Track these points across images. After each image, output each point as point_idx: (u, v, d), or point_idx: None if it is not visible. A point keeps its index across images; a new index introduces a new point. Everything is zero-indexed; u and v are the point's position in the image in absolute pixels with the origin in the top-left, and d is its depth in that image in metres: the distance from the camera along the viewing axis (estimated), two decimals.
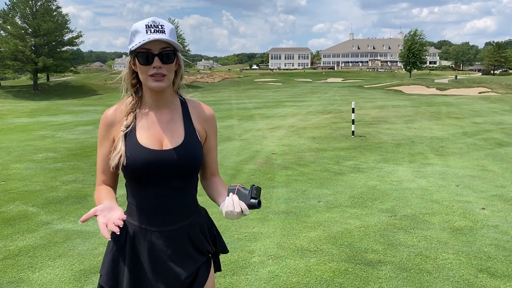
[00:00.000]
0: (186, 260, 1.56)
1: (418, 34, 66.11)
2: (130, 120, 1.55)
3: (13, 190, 6.06)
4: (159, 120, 1.57)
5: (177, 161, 1.51)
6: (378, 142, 10.17)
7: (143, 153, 1.50)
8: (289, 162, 7.91)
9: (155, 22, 1.47)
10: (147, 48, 1.46)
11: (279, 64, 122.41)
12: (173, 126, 1.57)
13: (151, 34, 1.45)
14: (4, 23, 51.02)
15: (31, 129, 13.92)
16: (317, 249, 3.95)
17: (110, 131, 1.57)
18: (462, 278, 3.35)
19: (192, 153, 1.55)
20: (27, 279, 3.39)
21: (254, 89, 48.53)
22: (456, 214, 4.88)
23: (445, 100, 25.31)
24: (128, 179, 1.56)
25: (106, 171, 1.59)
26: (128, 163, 1.49)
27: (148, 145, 1.51)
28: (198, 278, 1.58)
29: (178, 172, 1.53)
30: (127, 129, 1.54)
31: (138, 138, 1.52)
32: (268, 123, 14.64)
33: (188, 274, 1.55)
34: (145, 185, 1.53)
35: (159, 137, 1.54)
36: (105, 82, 58.35)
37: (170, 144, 1.53)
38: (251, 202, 1.45)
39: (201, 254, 1.61)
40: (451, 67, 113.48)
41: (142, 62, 1.48)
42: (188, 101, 1.66)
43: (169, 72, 1.51)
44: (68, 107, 25.73)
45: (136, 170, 1.50)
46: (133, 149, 1.50)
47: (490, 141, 10.11)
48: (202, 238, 1.62)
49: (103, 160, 1.59)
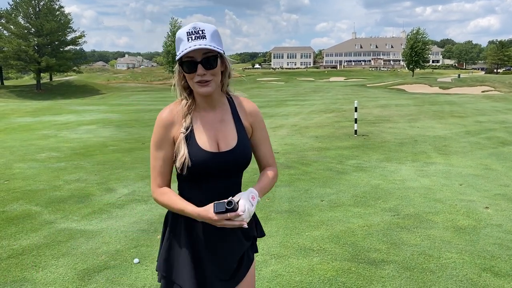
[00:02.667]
0: (236, 245, 1.70)
1: (421, 33, 65.84)
2: (188, 122, 1.62)
3: (16, 189, 6.08)
4: (213, 121, 1.66)
5: (233, 162, 1.63)
6: (381, 141, 10.15)
7: (203, 156, 1.59)
8: (292, 161, 7.91)
9: (195, 28, 1.52)
10: (190, 56, 1.52)
11: (282, 63, 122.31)
12: (226, 127, 1.66)
13: (192, 41, 1.50)
14: (7, 23, 51.22)
15: (34, 129, 13.97)
16: (320, 248, 3.94)
17: (169, 133, 1.63)
18: (466, 277, 3.34)
19: (245, 154, 1.67)
20: (31, 278, 3.40)
21: (257, 88, 48.51)
22: (459, 213, 4.87)
23: (448, 99, 25.23)
24: (186, 176, 1.63)
25: (165, 173, 1.66)
26: (192, 165, 1.58)
27: (207, 147, 1.61)
28: (244, 261, 1.74)
29: (232, 171, 1.66)
30: (187, 131, 1.61)
31: (197, 141, 1.61)
32: (271, 122, 14.63)
33: (237, 259, 1.71)
34: (201, 182, 1.63)
35: (215, 139, 1.63)
36: (107, 81, 58.50)
37: (225, 146, 1.63)
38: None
39: (247, 239, 1.76)
40: (454, 66, 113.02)
41: (187, 71, 1.56)
42: (234, 98, 1.74)
43: (214, 76, 1.57)
44: (71, 107, 25.80)
45: (198, 171, 1.60)
46: (194, 151, 1.59)
47: (494, 140, 10.07)
48: (250, 223, 1.73)
49: (163, 162, 1.64)
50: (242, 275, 1.74)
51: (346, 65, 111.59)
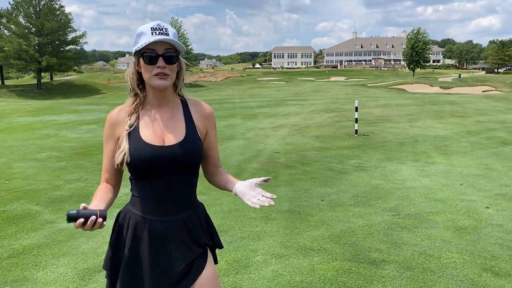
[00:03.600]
0: (184, 249, 1.64)
1: (422, 33, 65.80)
2: (133, 120, 1.63)
3: (17, 189, 6.08)
4: (161, 117, 1.65)
5: (179, 156, 1.59)
6: (382, 141, 10.15)
7: (147, 149, 1.57)
8: (292, 161, 7.91)
9: (159, 25, 1.56)
10: (152, 48, 1.55)
11: (282, 63, 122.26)
12: (175, 123, 1.65)
13: (156, 36, 1.53)
14: (8, 22, 51.21)
15: (34, 128, 13.97)
16: (321, 248, 3.94)
17: (114, 131, 1.65)
18: (466, 277, 3.34)
19: (193, 149, 1.63)
20: (32, 278, 3.40)
21: (257, 88, 48.50)
22: (460, 213, 4.87)
23: (448, 99, 25.22)
24: (133, 174, 1.64)
25: (110, 169, 1.69)
26: (132, 160, 1.57)
27: (151, 141, 1.59)
28: (193, 267, 1.64)
29: (180, 167, 1.61)
30: (130, 128, 1.62)
31: (141, 135, 1.60)
32: (271, 122, 14.63)
33: (185, 264, 1.62)
34: (148, 179, 1.60)
35: (161, 134, 1.62)
36: (108, 81, 58.52)
37: (172, 140, 1.61)
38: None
39: (198, 246, 1.68)
40: (455, 66, 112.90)
41: (147, 62, 1.56)
42: (188, 100, 1.74)
43: (172, 72, 1.60)
44: (71, 106, 25.81)
45: (140, 165, 1.58)
46: (137, 146, 1.58)
47: (494, 140, 10.07)
48: (200, 230, 1.69)
49: (107, 158, 1.68)
50: (188, 283, 1.63)
51: (347, 64, 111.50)
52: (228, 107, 22.05)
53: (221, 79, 63.41)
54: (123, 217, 1.70)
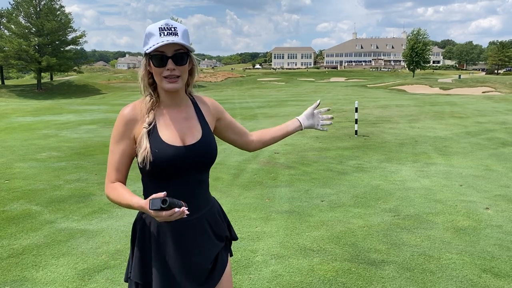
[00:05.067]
0: (209, 245, 1.66)
1: (422, 34, 65.83)
2: (151, 118, 1.60)
3: (16, 189, 6.08)
4: (177, 118, 1.64)
5: (198, 156, 1.61)
6: (382, 141, 10.15)
7: (169, 150, 1.56)
8: (292, 161, 7.91)
9: (168, 24, 1.52)
10: (161, 50, 1.52)
11: (282, 63, 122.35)
12: (190, 123, 1.66)
13: (165, 36, 1.50)
14: (8, 22, 51.18)
15: (34, 128, 13.97)
16: (320, 248, 3.94)
17: (129, 129, 1.60)
18: (466, 278, 3.34)
19: (211, 148, 1.66)
20: (31, 278, 3.40)
21: (257, 88, 48.50)
22: (459, 214, 4.87)
23: (448, 100, 25.21)
24: (151, 175, 1.59)
25: (121, 168, 1.63)
26: (155, 160, 1.54)
27: (172, 142, 1.58)
28: (218, 263, 1.69)
29: (199, 166, 1.63)
30: (150, 126, 1.58)
31: (161, 136, 1.58)
32: (271, 122, 14.63)
33: (210, 260, 1.66)
34: (168, 179, 1.59)
35: (180, 134, 1.61)
36: (108, 81, 58.50)
37: (191, 140, 1.62)
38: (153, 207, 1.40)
39: (220, 240, 1.72)
40: (455, 67, 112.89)
41: (156, 64, 1.54)
42: (196, 97, 1.75)
43: (182, 73, 1.57)
44: (71, 106, 25.80)
45: (163, 166, 1.56)
46: (158, 146, 1.56)
47: (494, 141, 10.07)
48: (220, 223, 1.74)
49: (120, 157, 1.61)
50: (217, 278, 1.67)
51: (347, 65, 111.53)
52: (228, 108, 22.02)
53: (221, 80, 63.39)
54: (141, 225, 1.65)
